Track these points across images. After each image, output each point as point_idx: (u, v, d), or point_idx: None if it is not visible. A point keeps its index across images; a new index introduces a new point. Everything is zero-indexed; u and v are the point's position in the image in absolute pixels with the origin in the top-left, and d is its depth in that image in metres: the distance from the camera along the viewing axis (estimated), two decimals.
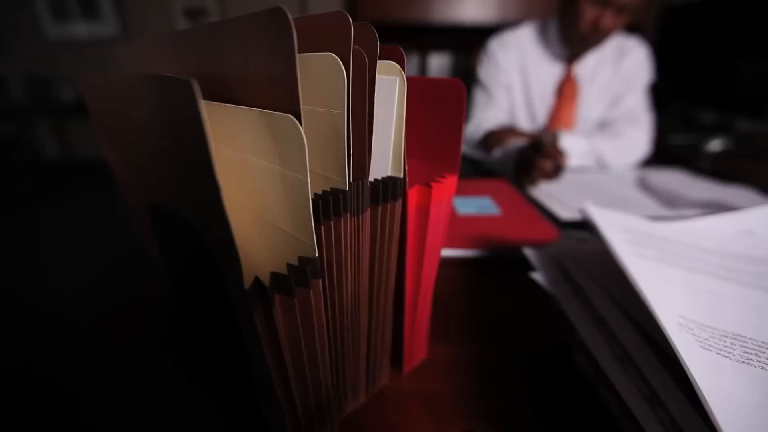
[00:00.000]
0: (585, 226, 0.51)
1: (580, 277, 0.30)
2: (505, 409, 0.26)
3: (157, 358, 0.29)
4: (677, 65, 1.56)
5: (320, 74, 0.15)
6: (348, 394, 0.22)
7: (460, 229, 0.48)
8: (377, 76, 0.17)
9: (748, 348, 0.20)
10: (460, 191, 0.62)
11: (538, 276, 0.31)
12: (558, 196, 0.64)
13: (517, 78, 0.98)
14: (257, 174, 0.16)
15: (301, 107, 0.17)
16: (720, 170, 0.98)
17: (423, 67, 2.21)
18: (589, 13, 0.81)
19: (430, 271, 0.23)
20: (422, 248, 0.22)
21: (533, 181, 0.69)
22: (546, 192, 0.67)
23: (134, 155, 0.22)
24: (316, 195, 0.17)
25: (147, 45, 0.23)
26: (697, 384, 0.16)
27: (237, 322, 0.17)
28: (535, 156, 0.68)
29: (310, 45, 0.16)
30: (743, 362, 0.19)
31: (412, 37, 2.24)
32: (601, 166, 0.87)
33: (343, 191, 0.16)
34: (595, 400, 0.26)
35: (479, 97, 1.00)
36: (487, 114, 0.98)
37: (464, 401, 0.26)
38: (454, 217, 0.52)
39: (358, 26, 0.16)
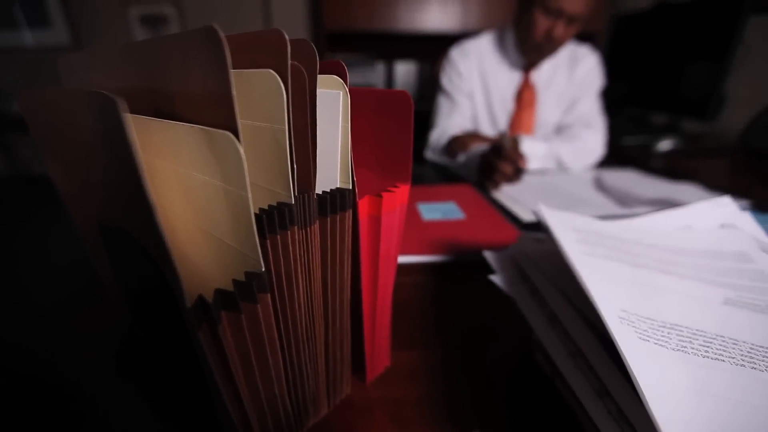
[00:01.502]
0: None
1: (536, 276, 0.31)
2: (471, 410, 0.26)
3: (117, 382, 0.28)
4: (629, 71, 1.65)
5: (260, 90, 0.16)
6: (309, 408, 0.22)
7: (425, 235, 0.49)
8: (320, 91, 0.17)
9: (683, 336, 0.22)
10: (426, 197, 0.63)
11: (496, 278, 0.32)
12: (519, 199, 0.67)
13: (478, 85, 1.01)
14: (202, 189, 0.16)
15: (244, 122, 0.17)
16: (670, 168, 1.04)
17: (390, 75, 2.24)
18: (542, 23, 0.84)
19: (386, 279, 0.24)
20: (376, 257, 0.22)
21: (496, 185, 0.71)
22: (508, 195, 0.69)
23: (80, 172, 0.21)
24: (261, 209, 0.17)
25: (92, 57, 0.23)
26: (633, 373, 0.17)
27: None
28: (496, 160, 0.70)
29: (250, 61, 0.16)
30: (678, 350, 0.20)
31: (379, 45, 2.27)
32: (561, 168, 0.91)
33: (289, 205, 0.16)
34: (557, 395, 0.27)
35: (443, 104, 1.03)
36: (451, 120, 1.00)
37: (429, 405, 0.27)
38: (419, 223, 0.53)
39: (297, 43, 0.16)
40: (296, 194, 0.17)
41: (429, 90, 2.20)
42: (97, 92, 0.13)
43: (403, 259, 0.44)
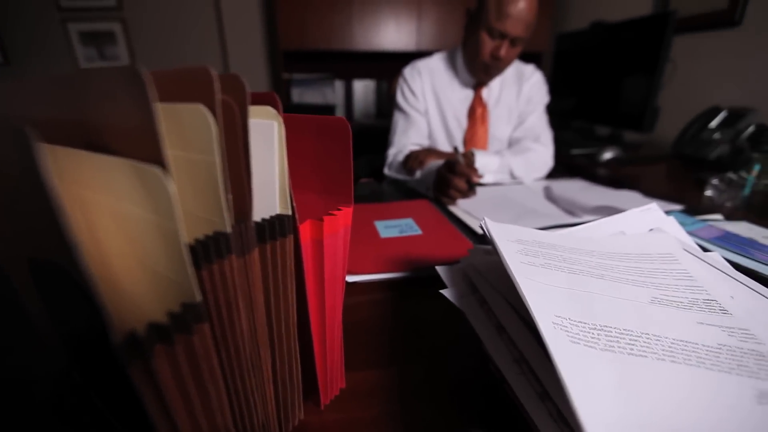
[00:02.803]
0: None
1: (484, 288, 0.33)
2: (430, 425, 0.27)
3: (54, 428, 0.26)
4: (575, 87, 1.77)
5: (191, 123, 0.16)
6: None
7: (382, 252, 0.50)
8: (254, 121, 0.18)
9: (611, 336, 0.23)
10: (384, 215, 0.64)
11: (447, 292, 0.33)
12: (474, 212, 0.69)
13: (432, 103, 1.05)
14: (135, 222, 0.16)
15: (178, 154, 0.17)
16: (613, 177, 1.11)
17: (348, 93, 2.27)
18: (487, 44, 0.90)
19: (334, 301, 0.24)
20: (322, 279, 0.22)
21: (451, 200, 0.74)
22: (464, 208, 0.72)
23: (6, 204, 0.20)
24: (197, 239, 0.17)
25: (22, 87, 0.22)
26: (562, 375, 0.18)
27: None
28: (450, 175, 0.72)
29: (182, 95, 0.17)
30: (606, 350, 0.22)
31: (336, 63, 2.31)
32: (514, 180, 0.95)
33: (225, 234, 0.17)
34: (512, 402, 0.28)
35: (399, 121, 1.06)
36: (408, 138, 1.03)
37: (387, 424, 0.27)
38: (376, 240, 0.54)
39: (227, 77, 0.17)
40: (233, 223, 0.17)
41: (387, 107, 2.25)
42: (11, 122, 0.13)
43: (360, 278, 0.45)
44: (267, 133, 0.18)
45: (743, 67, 1.34)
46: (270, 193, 0.19)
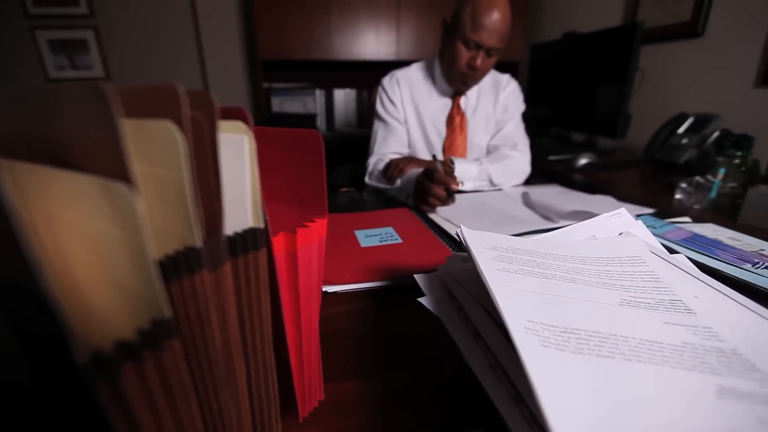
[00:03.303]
0: None
1: (461, 295, 0.33)
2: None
3: None
4: (551, 95, 1.82)
5: (159, 140, 0.16)
6: None
7: (362, 262, 0.50)
8: (225, 136, 0.18)
9: (581, 339, 0.24)
10: (364, 224, 0.64)
11: (425, 300, 0.34)
12: (454, 219, 0.70)
13: (411, 112, 1.06)
14: (103, 238, 0.16)
15: (148, 170, 0.17)
16: (588, 182, 1.15)
17: (329, 102, 2.28)
18: (463, 54, 0.92)
19: (310, 312, 0.24)
20: (297, 291, 0.22)
21: (431, 208, 0.75)
22: (444, 216, 0.73)
23: None
24: (167, 255, 0.17)
25: None
26: (531, 379, 0.19)
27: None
28: (428, 183, 0.73)
29: (151, 111, 0.17)
30: (575, 352, 0.23)
31: (317, 72, 2.32)
32: (493, 186, 0.97)
33: (195, 248, 0.17)
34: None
35: (379, 131, 1.07)
36: (388, 146, 1.04)
37: None
38: (357, 250, 0.54)
39: (196, 94, 0.17)
40: (204, 237, 0.17)
41: (369, 116, 2.27)
42: None
43: (339, 287, 0.45)
44: (237, 148, 0.19)
45: (707, 76, 1.40)
46: (242, 206, 0.19)
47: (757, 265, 0.47)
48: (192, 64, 2.30)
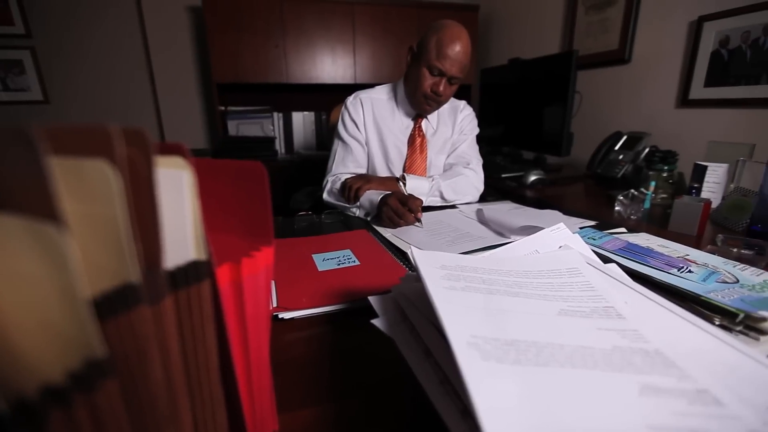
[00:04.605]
0: None
1: (412, 314, 0.34)
2: None
3: None
4: (503, 116, 1.92)
5: (92, 178, 0.16)
6: None
7: (320, 286, 0.50)
8: (165, 171, 0.18)
9: (520, 349, 0.26)
10: (321, 248, 0.64)
11: (378, 321, 0.34)
12: (411, 239, 0.72)
13: (373, 132, 1.09)
14: (30, 279, 0.16)
15: (82, 209, 0.17)
16: (539, 197, 1.21)
17: (288, 125, 2.28)
18: (427, 80, 0.98)
19: (259, 341, 0.24)
20: (244, 321, 0.23)
21: (395, 226, 0.77)
22: (401, 236, 0.74)
23: None
24: (103, 292, 0.17)
25: None
26: (470, 392, 0.20)
27: None
28: (402, 209, 0.76)
29: (85, 150, 0.17)
30: (514, 363, 0.24)
31: (274, 95, 2.32)
32: (446, 202, 1.02)
33: (131, 285, 0.17)
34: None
35: (338, 150, 1.09)
36: (345, 167, 1.07)
37: None
38: (314, 274, 0.54)
39: (132, 131, 0.17)
40: (144, 272, 0.17)
41: (328, 138, 2.29)
42: None
43: (296, 313, 0.45)
44: (177, 183, 0.19)
45: (636, 97, 1.54)
46: (183, 239, 0.20)
47: (682, 269, 0.51)
48: (142, 86, 2.22)
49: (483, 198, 1.11)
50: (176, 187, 0.19)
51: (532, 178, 1.35)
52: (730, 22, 1.19)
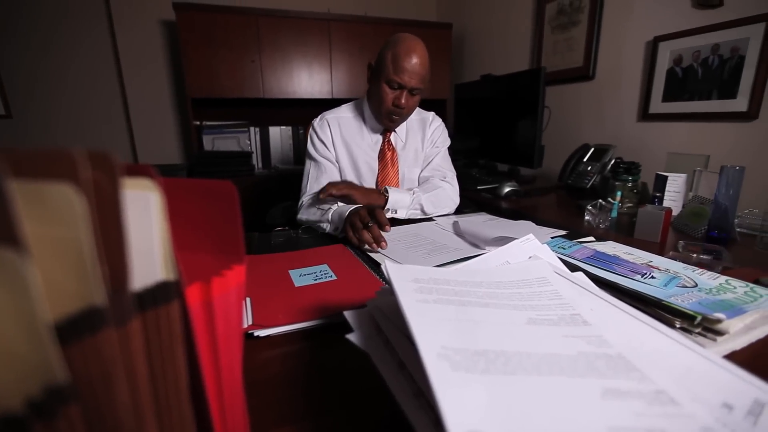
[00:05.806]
0: None
1: (387, 328, 0.35)
2: None
3: None
4: (478, 129, 1.97)
5: (56, 202, 0.16)
6: None
7: (296, 302, 0.50)
8: (132, 193, 0.18)
9: (489, 359, 0.26)
10: (298, 263, 0.64)
11: (353, 336, 0.35)
12: (388, 253, 0.72)
13: (342, 151, 1.10)
14: None
15: (46, 232, 0.17)
16: (513, 208, 1.25)
17: (265, 139, 2.26)
18: (388, 94, 0.99)
19: (231, 360, 0.24)
20: (215, 340, 0.22)
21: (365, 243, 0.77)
22: (379, 250, 0.75)
23: None
24: (67, 315, 0.16)
25: None
26: (438, 402, 0.21)
27: None
28: (357, 224, 0.76)
29: (50, 173, 0.17)
30: (483, 373, 0.25)
31: (251, 110, 2.31)
32: (425, 215, 1.03)
33: (96, 307, 0.16)
34: None
35: (311, 170, 1.10)
36: (319, 184, 1.06)
37: None
38: (291, 290, 0.53)
39: (97, 155, 0.17)
40: (110, 294, 0.17)
41: (305, 152, 2.29)
42: None
43: (273, 330, 0.44)
44: (144, 204, 0.19)
45: (601, 111, 1.62)
46: (151, 261, 0.20)
47: (645, 275, 0.54)
48: (112, 100, 2.17)
49: (459, 210, 1.13)
50: (144, 208, 0.19)
51: (506, 189, 1.38)
52: (682, 42, 1.27)
